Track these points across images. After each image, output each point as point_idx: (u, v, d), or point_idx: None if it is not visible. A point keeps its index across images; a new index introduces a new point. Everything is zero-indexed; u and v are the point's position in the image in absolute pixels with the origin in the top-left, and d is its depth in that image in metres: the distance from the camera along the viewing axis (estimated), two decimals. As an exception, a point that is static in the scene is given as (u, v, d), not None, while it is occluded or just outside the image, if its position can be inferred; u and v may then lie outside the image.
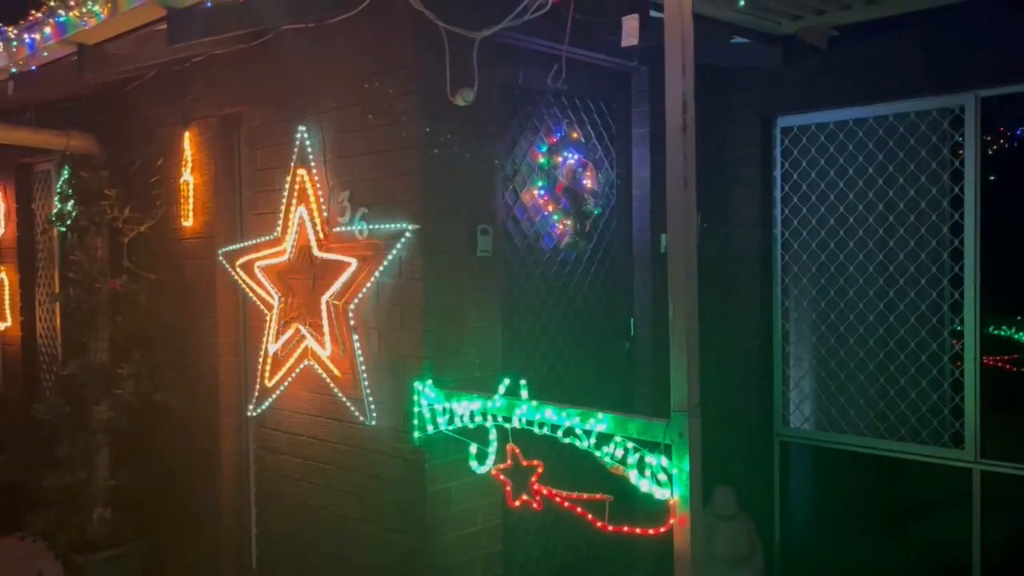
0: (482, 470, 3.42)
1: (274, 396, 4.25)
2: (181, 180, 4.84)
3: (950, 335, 4.48)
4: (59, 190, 5.37)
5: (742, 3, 3.53)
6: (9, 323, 6.63)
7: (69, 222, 5.14)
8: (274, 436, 4.34)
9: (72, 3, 3.62)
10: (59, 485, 5.08)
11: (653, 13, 2.96)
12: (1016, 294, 4.56)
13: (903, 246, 4.61)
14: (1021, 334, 4.75)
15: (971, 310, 4.36)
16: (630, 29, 2.86)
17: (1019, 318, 4.78)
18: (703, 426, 2.73)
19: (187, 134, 4.81)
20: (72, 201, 5.14)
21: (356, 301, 3.82)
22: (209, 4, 3.25)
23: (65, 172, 5.30)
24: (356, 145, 3.84)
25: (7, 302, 6.61)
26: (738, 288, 5.10)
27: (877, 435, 4.72)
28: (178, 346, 4.94)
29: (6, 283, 6.62)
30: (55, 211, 5.31)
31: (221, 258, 4.52)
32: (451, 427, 3.52)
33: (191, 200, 4.84)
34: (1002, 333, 4.71)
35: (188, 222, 4.84)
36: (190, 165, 4.81)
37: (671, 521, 2.78)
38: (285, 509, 4.32)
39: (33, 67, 4.36)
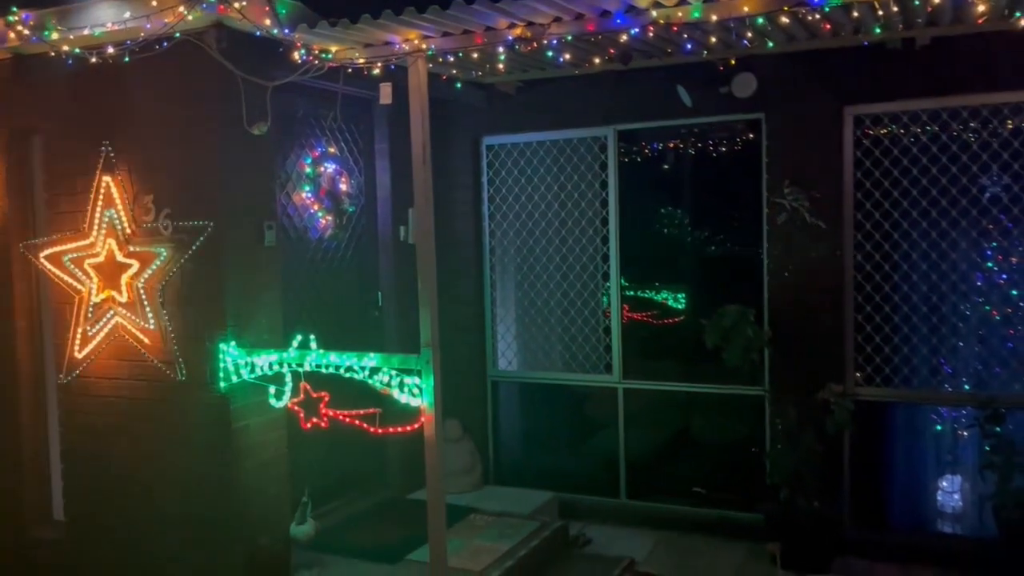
0: (280, 405, 4.62)
1: (84, 366, 5.04)
2: (-32, 181, 5.36)
3: (602, 295, 6.39)
4: None
5: (459, 85, 5.20)
6: None
7: None
8: (84, 400, 5.10)
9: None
10: None
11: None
12: (648, 266, 6.55)
13: (572, 233, 6.44)
14: (650, 293, 6.79)
15: (614, 279, 6.28)
16: (385, 93, 4.20)
17: (656, 284, 6.82)
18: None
19: (-26, 139, 5.33)
20: None
21: (165, 282, 4.77)
22: (70, 62, 4.00)
23: None
24: (160, 158, 4.76)
25: None
26: (460, 266, 6.66)
27: (558, 370, 6.56)
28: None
29: None
30: None
31: (23, 249, 5.16)
32: (252, 376, 4.66)
33: (-21, 199, 5.37)
34: (641, 295, 6.72)
35: (-23, 218, 5.38)
36: (-22, 167, 5.35)
37: (422, 420, 4.22)
38: (95, 462, 5.11)
39: None
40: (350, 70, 4.22)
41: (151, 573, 4.95)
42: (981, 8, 3.95)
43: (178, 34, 3.81)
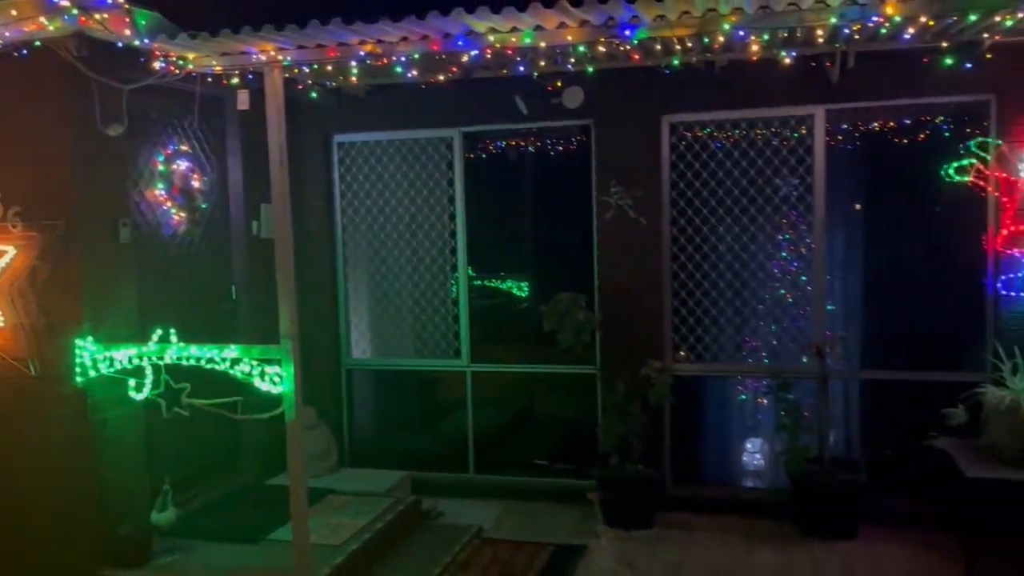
0: (140, 397, 4.77)
1: (-73, 365, 4.97)
2: None
3: (451, 285, 6.85)
4: None
5: (314, 95, 5.59)
6: None
7: None
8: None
9: None
10: None
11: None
12: (494, 257, 7.05)
13: (422, 227, 6.85)
14: (495, 282, 7.29)
15: (462, 270, 6.75)
16: (242, 100, 4.45)
17: (501, 274, 7.33)
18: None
19: None
20: None
21: (15, 280, 4.80)
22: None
23: None
24: (8, 156, 4.78)
25: None
26: (314, 260, 6.91)
27: (410, 357, 6.96)
28: None
29: None
30: None
31: None
32: (111, 370, 4.78)
33: None
34: (488, 284, 7.22)
35: None
36: None
37: (282, 406, 4.52)
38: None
39: None
40: (210, 78, 4.44)
41: (10, 566, 4.98)
42: (755, 48, 4.77)
43: (38, 42, 3.91)
